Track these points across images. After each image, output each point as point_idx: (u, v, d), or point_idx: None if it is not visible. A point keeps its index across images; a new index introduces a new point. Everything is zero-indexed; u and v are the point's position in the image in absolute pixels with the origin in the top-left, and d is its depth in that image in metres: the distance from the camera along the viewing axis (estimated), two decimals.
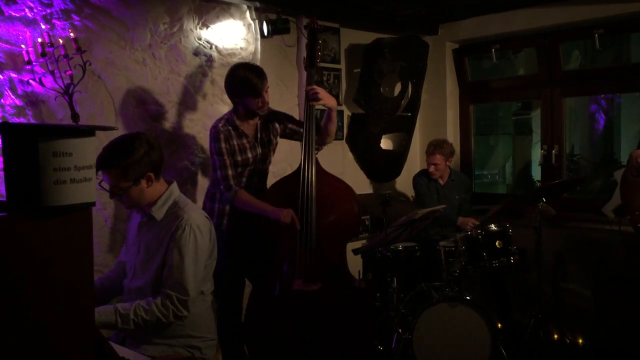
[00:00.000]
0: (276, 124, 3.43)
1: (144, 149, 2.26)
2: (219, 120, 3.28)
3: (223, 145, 3.19)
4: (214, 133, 3.21)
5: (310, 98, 3.22)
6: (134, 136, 2.34)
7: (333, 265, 3.20)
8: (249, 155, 3.28)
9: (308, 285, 3.11)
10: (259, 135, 3.35)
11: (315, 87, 3.26)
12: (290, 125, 3.46)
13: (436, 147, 4.39)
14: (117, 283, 2.54)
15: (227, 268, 3.26)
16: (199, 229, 2.32)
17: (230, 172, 3.19)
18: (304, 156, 3.20)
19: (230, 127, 3.24)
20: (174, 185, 2.44)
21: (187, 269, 2.26)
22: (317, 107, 3.26)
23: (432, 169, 4.39)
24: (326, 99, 3.27)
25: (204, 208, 3.36)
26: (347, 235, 3.34)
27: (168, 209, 2.36)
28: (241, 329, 3.35)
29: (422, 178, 4.49)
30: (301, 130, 3.34)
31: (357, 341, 3.21)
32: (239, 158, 3.24)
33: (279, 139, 3.49)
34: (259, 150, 3.34)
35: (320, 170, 3.23)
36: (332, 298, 3.16)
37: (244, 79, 3.16)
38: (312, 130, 3.22)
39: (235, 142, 3.23)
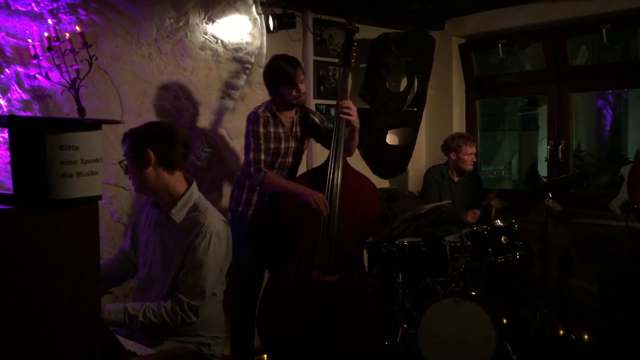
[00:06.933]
0: (312, 122, 3.45)
1: (152, 127, 2.31)
2: (258, 107, 3.32)
3: (261, 129, 3.21)
4: (254, 117, 3.23)
5: (342, 112, 3.21)
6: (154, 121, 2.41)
7: (351, 259, 3.22)
8: (282, 145, 3.29)
9: (326, 276, 3.13)
10: (294, 128, 3.37)
11: (350, 103, 3.23)
12: (322, 130, 3.47)
13: (470, 137, 4.35)
14: (116, 272, 2.55)
15: (249, 260, 3.27)
16: (218, 235, 2.30)
17: (263, 155, 3.20)
18: (332, 159, 3.21)
19: (269, 114, 3.26)
20: (194, 185, 2.40)
21: (203, 276, 2.25)
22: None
23: (471, 160, 4.32)
24: (355, 117, 3.24)
25: (232, 195, 3.40)
26: (367, 231, 3.36)
27: (187, 212, 2.33)
28: (254, 320, 3.36)
29: (435, 174, 4.44)
30: (330, 137, 3.32)
31: (368, 335, 3.23)
32: (272, 146, 3.25)
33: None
34: (292, 143, 3.35)
35: (346, 166, 3.27)
36: (347, 290, 3.18)
37: (278, 68, 3.21)
38: (341, 138, 3.23)
39: (272, 129, 3.25)
